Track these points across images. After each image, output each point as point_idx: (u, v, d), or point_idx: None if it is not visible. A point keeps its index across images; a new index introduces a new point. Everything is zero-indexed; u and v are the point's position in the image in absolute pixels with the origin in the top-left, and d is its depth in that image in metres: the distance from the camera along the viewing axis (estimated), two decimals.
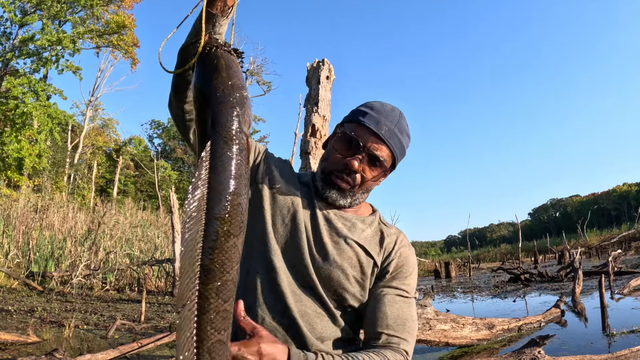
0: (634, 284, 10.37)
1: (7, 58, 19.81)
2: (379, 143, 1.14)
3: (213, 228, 0.66)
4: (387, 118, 1.16)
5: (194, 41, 0.96)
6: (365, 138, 1.13)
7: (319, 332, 1.11)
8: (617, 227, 40.08)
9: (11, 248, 11.37)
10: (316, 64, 5.80)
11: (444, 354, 5.77)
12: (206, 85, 0.77)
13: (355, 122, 1.17)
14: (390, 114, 1.18)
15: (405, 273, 1.19)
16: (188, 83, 1.04)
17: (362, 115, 1.16)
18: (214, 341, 0.67)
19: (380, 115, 1.16)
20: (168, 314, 8.23)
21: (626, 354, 4.43)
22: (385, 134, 1.14)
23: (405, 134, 1.20)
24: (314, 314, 1.12)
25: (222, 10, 0.98)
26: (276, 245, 1.14)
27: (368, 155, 1.13)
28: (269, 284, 1.12)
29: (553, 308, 7.44)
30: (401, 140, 1.18)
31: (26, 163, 18.29)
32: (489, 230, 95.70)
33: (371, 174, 1.16)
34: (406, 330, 1.12)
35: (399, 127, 1.17)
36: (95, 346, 5.74)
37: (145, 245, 13.94)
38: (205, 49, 0.84)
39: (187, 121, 1.12)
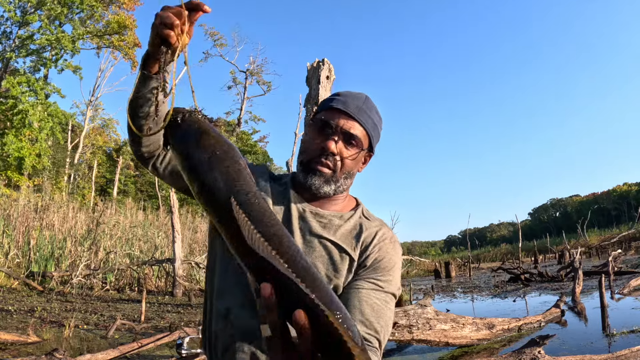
0: (634, 283, 10.37)
1: (7, 57, 19.82)
2: (350, 120, 1.16)
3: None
4: (354, 99, 1.19)
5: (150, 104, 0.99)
6: (336, 119, 1.15)
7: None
8: (617, 227, 40.08)
9: (11, 248, 11.37)
10: (316, 64, 5.80)
11: (444, 353, 5.77)
12: (198, 151, 0.72)
13: (324, 110, 1.20)
14: (357, 95, 1.21)
15: (384, 268, 1.14)
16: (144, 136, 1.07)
17: (330, 102, 1.20)
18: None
19: (346, 98, 1.19)
20: (168, 314, 8.23)
21: (626, 354, 4.43)
22: (354, 111, 1.16)
23: (374, 112, 1.22)
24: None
25: (168, 62, 0.95)
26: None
27: (342, 134, 1.15)
28: (243, 287, 1.10)
29: (553, 308, 7.44)
30: (371, 116, 1.20)
31: (26, 163, 18.30)
32: (489, 230, 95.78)
33: (348, 153, 1.16)
34: (380, 325, 1.08)
35: (367, 105, 1.20)
36: (96, 346, 5.74)
37: (145, 245, 13.93)
38: (177, 118, 0.78)
39: (147, 159, 1.17)
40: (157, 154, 1.17)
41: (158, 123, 1.05)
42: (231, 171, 0.70)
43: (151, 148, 1.14)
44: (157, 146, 1.14)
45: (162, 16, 0.88)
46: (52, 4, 19.93)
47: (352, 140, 1.15)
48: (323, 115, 1.17)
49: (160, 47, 0.91)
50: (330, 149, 1.13)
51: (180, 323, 7.07)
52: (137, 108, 1.02)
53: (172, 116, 0.78)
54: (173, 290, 10.99)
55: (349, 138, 1.15)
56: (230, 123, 33.61)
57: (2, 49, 20.32)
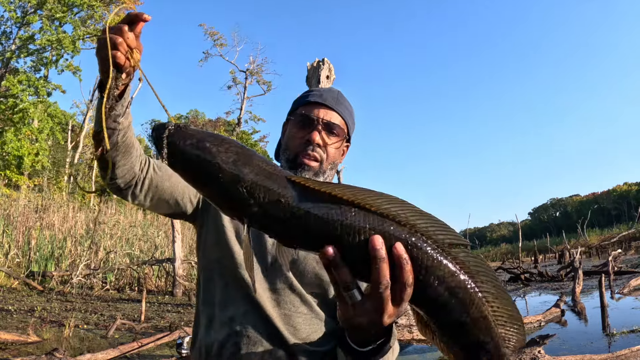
0: (634, 283, 10.37)
1: (7, 57, 19.82)
2: (329, 111, 1.21)
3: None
4: (329, 92, 1.25)
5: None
6: (315, 111, 1.20)
7: (302, 332, 1.11)
8: (617, 227, 40.06)
9: (11, 248, 11.37)
10: (316, 64, 5.80)
11: None
12: (215, 167, 0.66)
13: (300, 105, 1.24)
14: (329, 89, 1.27)
15: None
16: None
17: (306, 97, 1.24)
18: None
19: (321, 92, 1.25)
20: (168, 314, 8.24)
21: (626, 354, 4.43)
22: (332, 102, 1.21)
23: (348, 103, 1.27)
24: (295, 313, 1.11)
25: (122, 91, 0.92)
26: (242, 256, 1.13)
27: (323, 124, 1.19)
28: (245, 296, 1.11)
29: (553, 308, 7.44)
30: (347, 107, 1.25)
31: (25, 162, 18.30)
32: (489, 230, 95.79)
33: (332, 142, 1.20)
34: None
35: (340, 96, 1.26)
36: (96, 346, 5.74)
37: (145, 245, 13.93)
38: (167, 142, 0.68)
39: (124, 189, 1.10)
40: (135, 182, 1.11)
41: (128, 151, 1.03)
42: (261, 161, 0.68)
43: (127, 177, 1.08)
44: (133, 173, 1.09)
45: (103, 39, 0.85)
46: (52, 4, 19.93)
47: (333, 129, 1.20)
48: (302, 110, 1.21)
49: (109, 72, 0.86)
50: (315, 140, 1.16)
51: (180, 323, 7.07)
52: (103, 141, 0.97)
53: (163, 137, 0.68)
54: (173, 290, 11.00)
55: (331, 128, 1.19)
56: (230, 123, 33.63)
57: (3, 49, 20.32)
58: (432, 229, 0.65)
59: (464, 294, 0.64)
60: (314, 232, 0.63)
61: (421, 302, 0.66)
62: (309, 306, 1.13)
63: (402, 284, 0.63)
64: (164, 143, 0.67)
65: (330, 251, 0.62)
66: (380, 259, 0.61)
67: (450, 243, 0.65)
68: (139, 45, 0.89)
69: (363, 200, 0.64)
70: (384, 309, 0.65)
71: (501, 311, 0.67)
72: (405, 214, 0.64)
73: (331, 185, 0.65)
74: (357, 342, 0.76)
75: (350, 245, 0.62)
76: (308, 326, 1.12)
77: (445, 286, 0.63)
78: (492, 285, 0.67)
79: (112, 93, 0.89)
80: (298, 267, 1.13)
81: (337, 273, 0.63)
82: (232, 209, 0.67)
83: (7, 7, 19.51)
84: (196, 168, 0.66)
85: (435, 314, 0.66)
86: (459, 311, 0.64)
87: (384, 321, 0.66)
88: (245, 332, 1.09)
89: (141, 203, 1.16)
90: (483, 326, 0.66)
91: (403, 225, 0.64)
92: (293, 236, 0.65)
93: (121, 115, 0.96)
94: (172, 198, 1.18)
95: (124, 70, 0.88)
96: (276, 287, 1.13)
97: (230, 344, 1.09)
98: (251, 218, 0.66)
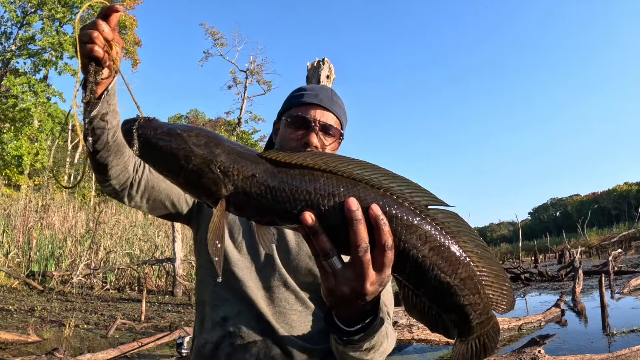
0: (634, 283, 10.37)
1: (7, 58, 19.82)
2: (326, 112, 1.19)
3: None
4: (321, 91, 1.23)
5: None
6: (312, 112, 1.18)
7: (297, 330, 1.10)
8: (617, 227, 40.05)
9: (11, 247, 11.37)
10: (316, 64, 5.79)
11: (444, 353, 5.77)
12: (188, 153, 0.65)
13: (295, 106, 1.21)
14: (322, 87, 1.26)
15: None
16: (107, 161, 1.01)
17: (300, 97, 1.22)
18: None
19: (314, 91, 1.22)
20: (168, 314, 8.24)
21: (626, 354, 4.43)
22: (327, 102, 1.20)
23: (341, 100, 1.27)
24: (290, 311, 1.11)
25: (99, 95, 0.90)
26: (237, 255, 1.14)
27: (320, 126, 1.17)
28: (239, 295, 1.11)
29: (553, 307, 7.45)
30: (340, 105, 1.25)
31: (25, 161, 18.30)
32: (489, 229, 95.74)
33: (329, 144, 1.19)
34: (387, 299, 1.15)
35: (334, 95, 1.24)
36: (96, 345, 5.75)
37: (146, 245, 13.94)
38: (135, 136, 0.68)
39: (119, 191, 1.09)
40: (130, 182, 1.09)
41: (120, 151, 1.01)
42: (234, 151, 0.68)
43: (121, 178, 1.07)
44: (127, 174, 1.07)
45: (80, 35, 0.85)
46: (52, 4, 19.93)
47: (329, 131, 1.18)
48: (298, 110, 1.19)
49: (90, 67, 0.86)
50: (313, 143, 1.15)
51: (180, 322, 7.08)
52: (94, 143, 0.97)
53: (132, 130, 0.68)
54: (173, 289, 11.00)
55: (327, 129, 1.18)
56: (230, 123, 33.64)
57: (3, 50, 20.33)
58: (408, 191, 0.64)
59: (448, 254, 0.63)
60: (289, 203, 0.63)
61: (405, 267, 0.64)
62: (303, 303, 1.13)
63: (381, 247, 0.61)
64: (135, 135, 0.67)
65: (308, 217, 0.61)
66: (356, 220, 0.60)
67: (426, 205, 0.64)
68: (117, 39, 0.88)
69: (335, 167, 0.64)
70: (365, 275, 0.63)
71: (487, 271, 0.66)
72: (377, 177, 0.64)
73: (302, 155, 0.65)
74: (343, 319, 0.75)
75: (326, 211, 0.62)
76: (303, 323, 1.11)
77: (428, 247, 0.62)
78: (475, 244, 0.65)
79: (91, 88, 0.88)
80: (291, 264, 1.13)
81: (317, 241, 0.62)
82: (208, 193, 0.66)
83: (7, 8, 19.52)
84: (169, 155, 0.66)
85: (421, 279, 0.64)
86: (446, 272, 0.63)
87: (366, 289, 0.64)
88: (239, 332, 1.08)
89: (138, 205, 1.14)
90: (472, 286, 0.65)
91: (377, 188, 0.64)
92: (270, 211, 0.64)
93: (108, 113, 0.94)
94: (168, 199, 1.17)
95: (104, 64, 0.87)
96: (270, 284, 1.12)
97: (225, 345, 1.09)
98: (227, 199, 0.65)
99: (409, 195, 0.64)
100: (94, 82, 0.87)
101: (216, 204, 0.66)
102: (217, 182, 0.65)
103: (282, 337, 1.08)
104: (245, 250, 1.15)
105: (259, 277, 1.12)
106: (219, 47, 30.91)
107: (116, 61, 0.88)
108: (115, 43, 0.87)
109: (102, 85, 0.90)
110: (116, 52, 0.87)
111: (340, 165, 0.64)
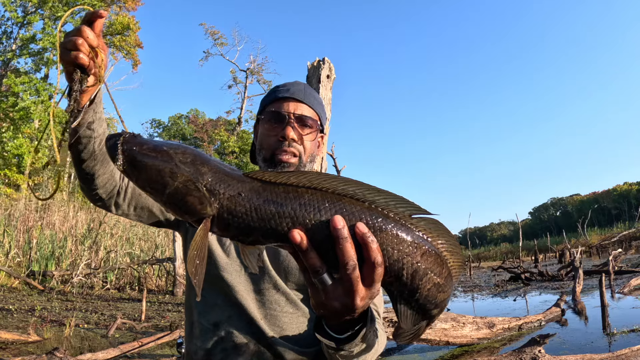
0: (634, 283, 10.36)
1: (8, 57, 19.84)
2: (300, 104, 1.20)
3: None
4: (294, 85, 1.24)
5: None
6: (285, 106, 1.19)
7: (289, 332, 1.09)
8: (617, 226, 40.04)
9: (12, 247, 11.39)
10: (316, 63, 5.79)
11: (444, 352, 5.77)
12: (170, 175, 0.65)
13: (268, 104, 1.23)
14: (297, 82, 1.26)
15: None
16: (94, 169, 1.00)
17: (274, 93, 1.23)
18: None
19: (287, 86, 1.23)
20: (169, 313, 8.24)
21: (626, 353, 4.43)
22: (299, 94, 1.20)
23: (316, 94, 1.26)
24: (281, 314, 1.10)
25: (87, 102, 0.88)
26: (225, 260, 1.13)
27: (295, 118, 1.18)
28: (228, 299, 1.10)
29: (553, 307, 7.44)
30: (316, 97, 1.25)
31: (25, 161, 18.32)
32: (490, 229, 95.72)
33: (306, 134, 1.19)
34: (377, 299, 1.14)
35: (307, 88, 1.25)
36: (96, 345, 5.75)
37: (146, 244, 13.96)
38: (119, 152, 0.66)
39: (106, 199, 1.08)
40: (117, 191, 1.08)
41: (107, 159, 0.99)
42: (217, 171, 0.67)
43: (108, 187, 1.05)
44: (114, 182, 1.06)
45: (63, 43, 0.83)
46: (53, 3, 19.94)
47: (306, 122, 1.18)
48: (272, 107, 1.20)
49: (75, 75, 0.83)
50: (289, 136, 1.15)
51: (180, 322, 7.08)
52: (80, 152, 0.95)
53: (115, 146, 0.67)
54: (174, 289, 11.01)
55: (303, 121, 1.18)
56: (230, 122, 33.65)
57: (3, 49, 20.34)
58: (392, 203, 0.65)
59: (437, 257, 0.65)
60: (274, 220, 0.63)
61: (401, 276, 0.64)
62: (294, 305, 1.12)
63: (371, 264, 0.60)
64: (119, 150, 0.66)
65: (297, 235, 0.60)
66: (342, 238, 0.59)
67: (410, 214, 0.65)
68: (102, 45, 0.86)
69: (318, 183, 0.64)
70: (355, 291, 0.63)
71: (454, 261, 0.69)
72: (362, 191, 0.65)
73: (287, 174, 0.65)
74: (333, 328, 0.75)
75: (312, 228, 0.62)
76: (294, 325, 1.10)
77: (419, 253, 0.63)
78: (450, 243, 0.68)
79: (76, 96, 0.85)
80: (281, 265, 1.12)
81: (306, 259, 0.62)
82: (192, 211, 0.65)
83: (8, 7, 19.53)
84: (154, 171, 0.65)
85: (416, 285, 0.65)
86: (437, 274, 0.65)
87: (356, 304, 0.64)
88: (231, 338, 1.07)
89: (125, 212, 1.13)
90: (450, 281, 0.68)
91: (362, 202, 0.64)
92: (254, 229, 0.64)
93: (95, 121, 0.93)
94: (155, 205, 1.16)
95: (89, 72, 0.84)
96: (260, 287, 1.11)
97: (218, 351, 1.08)
98: (212, 218, 0.64)
99: (393, 206, 0.65)
100: (79, 90, 0.85)
101: (199, 223, 0.64)
102: (202, 201, 0.64)
103: (273, 341, 1.07)
104: (234, 255, 1.14)
105: (249, 280, 1.11)
106: (219, 46, 30.97)
107: (101, 68, 0.86)
108: (101, 50, 0.85)
109: (88, 94, 0.88)
110: (101, 59, 0.85)
111: (324, 182, 0.64)
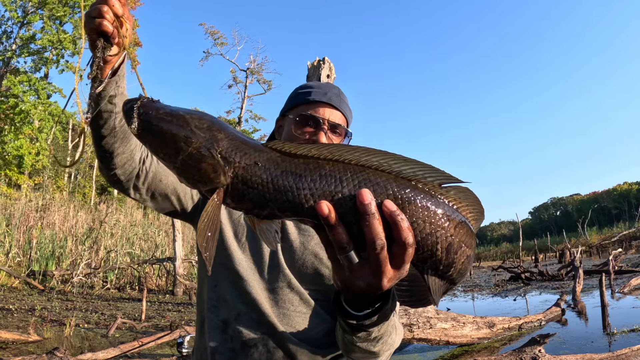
0: (634, 282, 10.36)
1: (8, 57, 19.84)
2: (334, 110, 1.17)
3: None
4: (329, 88, 1.21)
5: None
6: (321, 111, 1.16)
7: (302, 332, 1.08)
8: (617, 226, 40.03)
9: (12, 247, 11.39)
10: (317, 63, 5.80)
11: (444, 352, 5.77)
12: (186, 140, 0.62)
13: (302, 104, 1.18)
14: (329, 84, 1.23)
15: None
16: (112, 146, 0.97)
17: (307, 95, 1.19)
18: None
19: (322, 89, 1.20)
20: (169, 313, 8.24)
21: (627, 353, 4.43)
22: (335, 100, 1.18)
23: (346, 98, 1.25)
24: (294, 313, 1.08)
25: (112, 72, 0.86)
26: (240, 255, 1.11)
27: (329, 125, 1.16)
28: (240, 295, 1.08)
29: (553, 307, 7.44)
30: (347, 103, 1.23)
31: (25, 161, 18.33)
32: (490, 229, 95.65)
33: (337, 142, 1.17)
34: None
35: (340, 92, 1.23)
36: (96, 345, 5.75)
37: (146, 244, 13.95)
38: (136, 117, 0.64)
39: (124, 182, 1.04)
40: (136, 173, 1.04)
41: (127, 137, 0.96)
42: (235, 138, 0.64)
43: (127, 167, 1.01)
44: (133, 164, 1.02)
45: (89, 12, 0.82)
46: (53, 4, 19.93)
47: (337, 129, 1.17)
48: (306, 109, 1.17)
49: (98, 43, 0.81)
50: (321, 141, 1.13)
51: (181, 322, 7.08)
52: (101, 127, 0.92)
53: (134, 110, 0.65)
54: (174, 289, 11.01)
55: (335, 129, 1.16)
56: (231, 122, 33.61)
57: (3, 49, 20.34)
58: (421, 172, 0.60)
59: (467, 228, 0.61)
60: (291, 192, 0.58)
61: (428, 254, 0.59)
62: (308, 304, 1.10)
63: (401, 244, 0.55)
64: (135, 113, 0.63)
65: (324, 207, 0.55)
66: (370, 214, 0.54)
67: (440, 184, 0.60)
68: (128, 15, 0.84)
69: (340, 155, 0.60)
70: (382, 272, 0.57)
71: (475, 227, 0.64)
72: (387, 162, 0.60)
73: (308, 146, 0.61)
74: (352, 304, 0.71)
75: (334, 202, 0.57)
76: (307, 325, 1.09)
77: (453, 225, 0.58)
78: (478, 211, 0.63)
79: (99, 63, 0.83)
80: (296, 264, 1.10)
81: (332, 234, 0.56)
82: (205, 180, 0.61)
83: (8, 7, 19.53)
84: (168, 136, 0.62)
85: (452, 259, 0.60)
86: (468, 246, 0.61)
87: (383, 285, 0.59)
88: (240, 336, 1.06)
89: (143, 198, 1.10)
90: (475, 249, 0.64)
91: (388, 172, 0.59)
92: (271, 202, 0.60)
93: (117, 95, 0.89)
94: (174, 193, 1.13)
95: (113, 41, 0.82)
96: (274, 285, 1.09)
97: (225, 349, 1.07)
98: (225, 188, 0.61)
99: (421, 176, 0.60)
100: (101, 57, 0.83)
101: (212, 193, 0.61)
102: (216, 169, 0.60)
103: (285, 340, 1.05)
104: (249, 251, 1.12)
105: (263, 278, 1.10)
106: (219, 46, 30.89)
107: (125, 38, 0.84)
108: (126, 20, 0.83)
109: (110, 64, 0.86)
110: (126, 28, 0.83)
111: (347, 153, 0.60)
